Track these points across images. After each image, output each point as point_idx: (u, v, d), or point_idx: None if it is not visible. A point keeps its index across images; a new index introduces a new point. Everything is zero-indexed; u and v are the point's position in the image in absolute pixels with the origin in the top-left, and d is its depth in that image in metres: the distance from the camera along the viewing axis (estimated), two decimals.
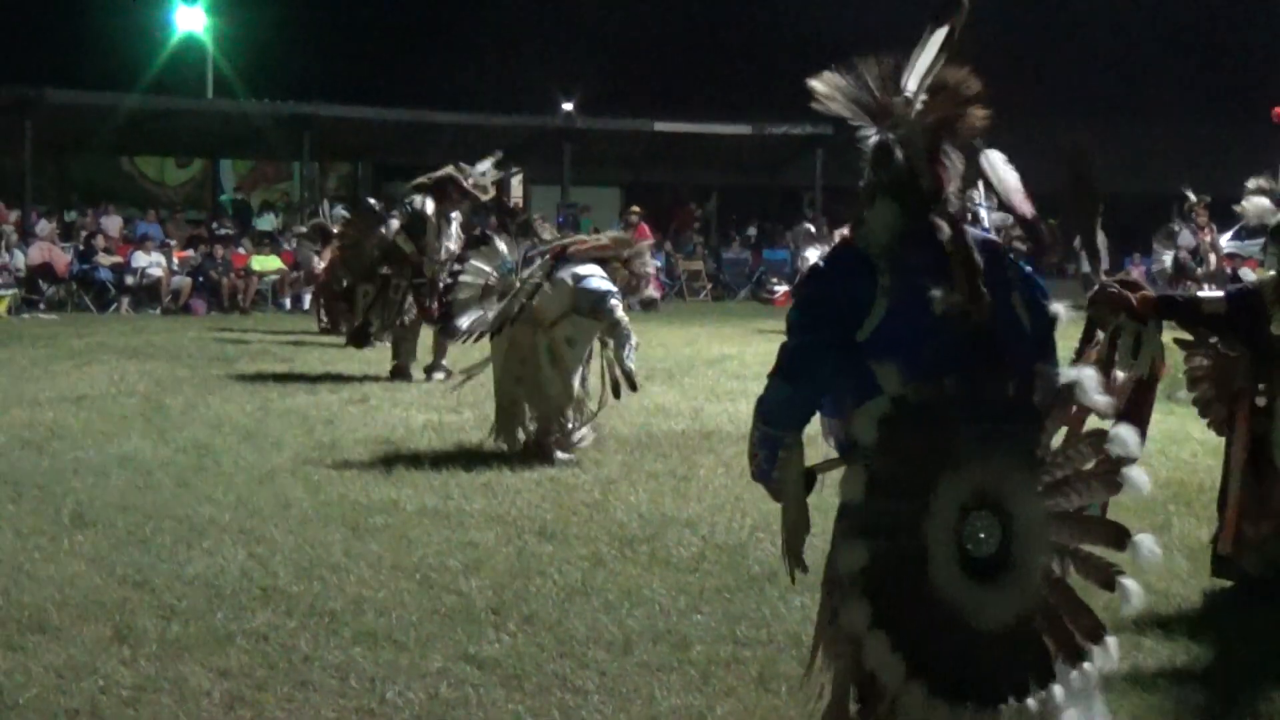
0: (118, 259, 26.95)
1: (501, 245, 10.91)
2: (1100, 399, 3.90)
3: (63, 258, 26.51)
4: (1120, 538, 3.91)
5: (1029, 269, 4.23)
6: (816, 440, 4.28)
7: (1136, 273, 36.94)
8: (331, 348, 18.61)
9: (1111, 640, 3.91)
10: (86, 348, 18.12)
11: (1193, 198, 23.90)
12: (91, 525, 8.06)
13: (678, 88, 47.32)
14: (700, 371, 15.97)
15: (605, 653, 5.98)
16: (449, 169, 14.95)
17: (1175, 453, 11.06)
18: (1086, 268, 6.87)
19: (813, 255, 31.07)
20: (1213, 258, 23.71)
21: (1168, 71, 48.72)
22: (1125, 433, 3.87)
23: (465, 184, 14.76)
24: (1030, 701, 3.82)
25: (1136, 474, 3.91)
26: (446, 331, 11.92)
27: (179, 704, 5.36)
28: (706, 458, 10.30)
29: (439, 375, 14.63)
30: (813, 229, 28.71)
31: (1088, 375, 3.95)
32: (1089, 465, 3.88)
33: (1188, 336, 7.17)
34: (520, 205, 30.69)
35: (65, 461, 9.92)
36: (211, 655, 5.87)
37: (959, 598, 3.79)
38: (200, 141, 34.30)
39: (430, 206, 14.78)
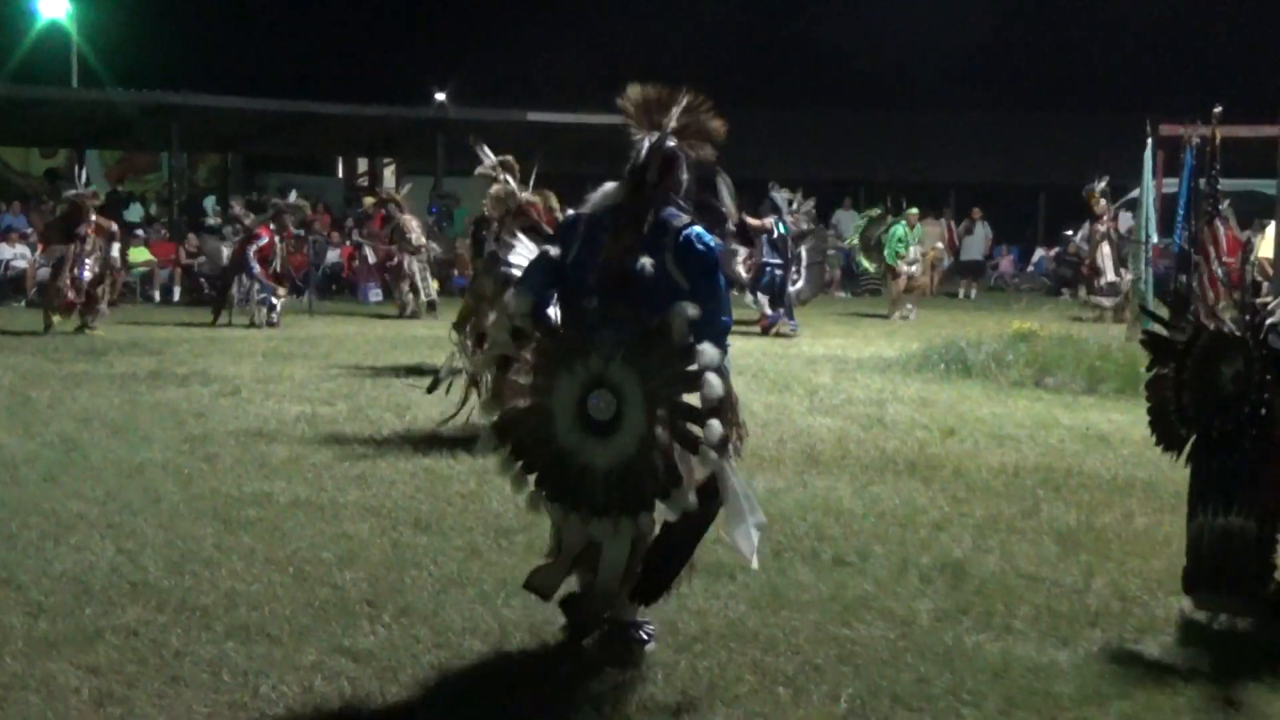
0: None
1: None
2: (686, 318, 5.38)
3: None
4: (699, 415, 5.40)
5: (696, 243, 5.67)
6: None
7: (1005, 263, 37.55)
8: (203, 341, 18.42)
9: (682, 489, 5.42)
10: None
11: (1097, 186, 23.96)
12: None
13: (552, 77, 47.27)
14: None
15: (481, 643, 5.98)
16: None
17: (1044, 438, 11.27)
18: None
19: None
20: (1105, 247, 23.87)
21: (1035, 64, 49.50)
22: (708, 348, 5.40)
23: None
24: (625, 520, 5.53)
25: (711, 378, 5.37)
26: None
27: (47, 702, 5.28)
28: None
29: None
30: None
31: (685, 306, 5.41)
32: (688, 369, 5.41)
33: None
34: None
35: None
36: (80, 652, 5.78)
37: (577, 445, 5.58)
38: (65, 131, 33.64)
39: None
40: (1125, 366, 14.57)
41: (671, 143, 5.84)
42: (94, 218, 20.06)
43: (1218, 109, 16.22)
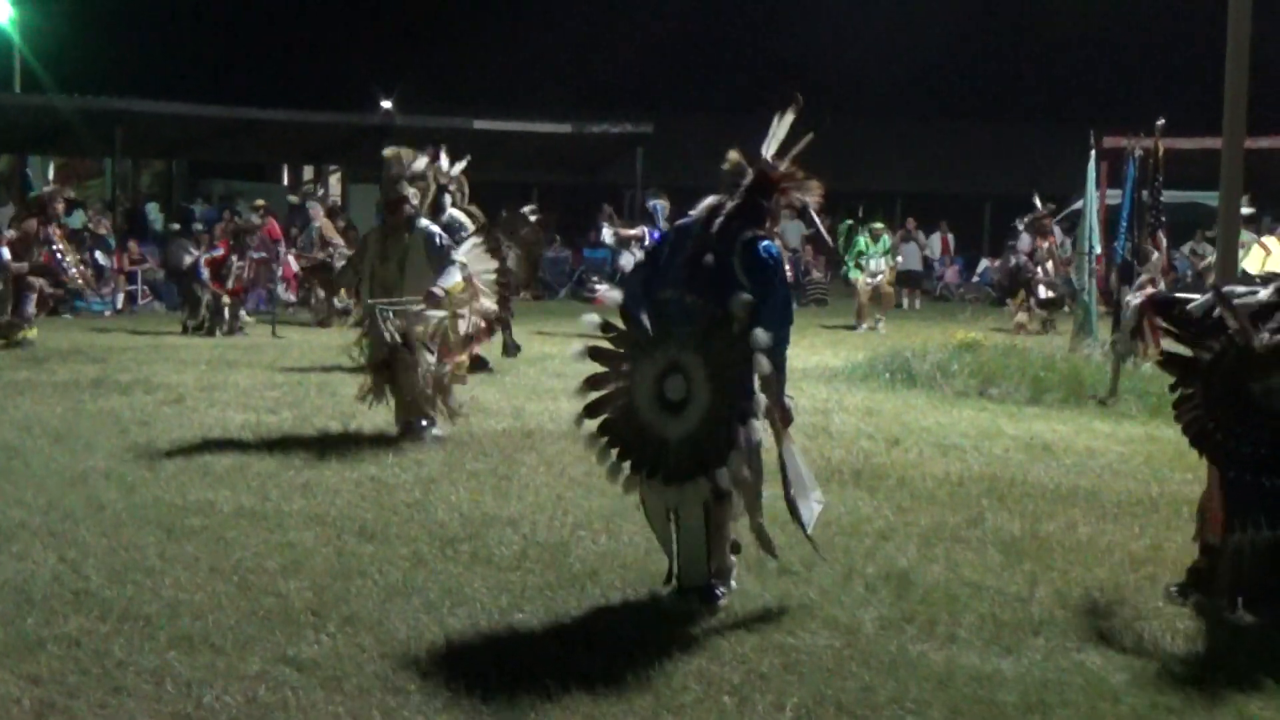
0: None
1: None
2: (743, 306, 6.46)
3: None
4: (751, 392, 6.46)
5: (760, 251, 6.70)
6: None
7: (950, 274, 37.69)
8: (146, 348, 18.29)
9: (734, 454, 6.46)
10: None
11: (1039, 206, 24.25)
12: None
13: (498, 86, 47.23)
14: (521, 370, 15.96)
15: (426, 652, 5.97)
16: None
17: (988, 448, 11.32)
18: None
19: (628, 259, 31.40)
20: (1049, 264, 24.17)
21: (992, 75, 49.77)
22: (760, 332, 6.36)
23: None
24: (692, 484, 6.52)
25: (760, 358, 6.37)
26: None
27: None
28: (528, 456, 10.29)
29: None
30: (608, 235, 29.11)
31: (743, 296, 6.48)
32: (743, 350, 6.39)
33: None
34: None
35: None
36: (22, 662, 5.73)
37: (655, 421, 6.62)
38: (7, 137, 33.37)
39: None
40: (1068, 377, 14.72)
41: (768, 171, 6.89)
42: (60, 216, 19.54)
43: (1160, 121, 16.37)
